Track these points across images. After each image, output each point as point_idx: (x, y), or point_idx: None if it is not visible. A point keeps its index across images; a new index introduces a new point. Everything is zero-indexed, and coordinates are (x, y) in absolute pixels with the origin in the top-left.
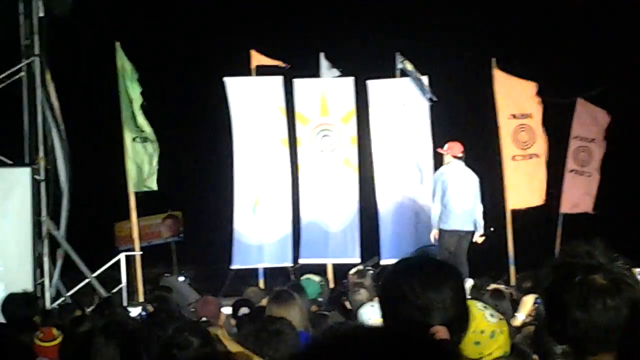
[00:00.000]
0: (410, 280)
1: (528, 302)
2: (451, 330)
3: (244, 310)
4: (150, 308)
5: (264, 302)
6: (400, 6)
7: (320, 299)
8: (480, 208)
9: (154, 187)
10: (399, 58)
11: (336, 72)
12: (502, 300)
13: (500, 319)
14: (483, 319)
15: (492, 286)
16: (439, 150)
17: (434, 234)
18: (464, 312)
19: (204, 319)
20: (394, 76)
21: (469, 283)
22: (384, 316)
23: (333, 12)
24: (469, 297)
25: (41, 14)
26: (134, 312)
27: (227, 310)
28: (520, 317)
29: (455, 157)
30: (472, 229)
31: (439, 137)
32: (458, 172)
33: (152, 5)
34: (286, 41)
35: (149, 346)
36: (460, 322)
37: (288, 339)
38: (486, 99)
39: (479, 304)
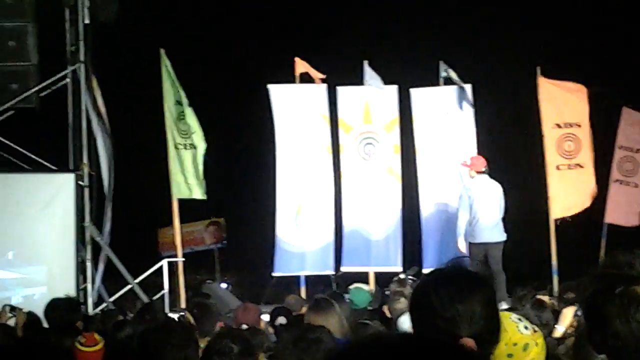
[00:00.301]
0: (439, 292)
1: (568, 314)
2: (479, 342)
3: (281, 320)
4: (188, 315)
5: (304, 310)
6: (444, 15)
7: (370, 308)
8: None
9: (202, 197)
10: (442, 66)
11: (380, 82)
12: (544, 311)
13: (535, 331)
14: (516, 331)
15: (537, 296)
16: (463, 164)
17: (461, 245)
18: (494, 324)
19: (244, 326)
20: (437, 84)
21: (504, 305)
22: (414, 326)
23: (378, 21)
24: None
25: (87, 21)
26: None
27: (267, 317)
28: (560, 329)
29: (478, 172)
30: (500, 239)
31: (484, 146)
32: (483, 187)
33: (197, 12)
34: (331, 49)
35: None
36: (490, 334)
37: (326, 347)
38: (531, 107)
39: (514, 316)
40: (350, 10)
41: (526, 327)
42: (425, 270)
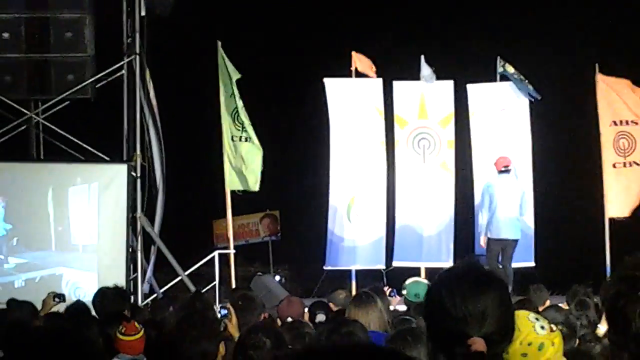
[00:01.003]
0: (450, 290)
1: None
2: (490, 342)
3: (320, 315)
4: (229, 307)
5: None
6: (502, 10)
7: None
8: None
9: (256, 188)
10: (499, 62)
11: (432, 77)
12: (588, 310)
13: (552, 331)
14: (532, 330)
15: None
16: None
17: (483, 242)
18: (507, 323)
19: (289, 319)
20: (494, 80)
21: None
22: (427, 325)
23: (435, 15)
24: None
25: (143, 14)
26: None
27: None
28: (602, 328)
29: (500, 171)
30: (516, 237)
31: (539, 143)
32: (504, 184)
33: (253, 5)
34: (388, 43)
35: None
36: (502, 334)
37: (358, 341)
38: (588, 105)
39: (532, 316)
40: (407, 4)
41: (542, 327)
42: None
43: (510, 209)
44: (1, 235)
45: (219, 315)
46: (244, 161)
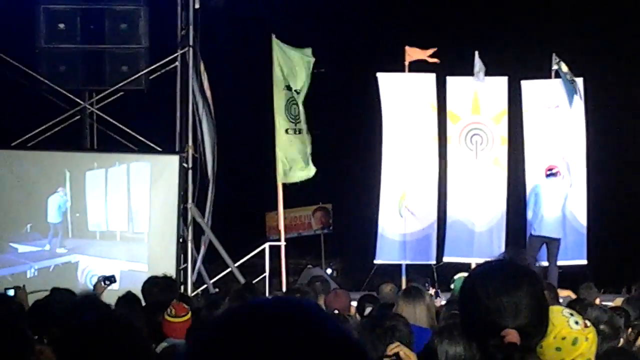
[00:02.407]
0: (485, 282)
1: None
2: (524, 334)
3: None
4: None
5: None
6: (558, 6)
7: None
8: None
9: (311, 174)
10: (554, 59)
11: (483, 77)
12: None
13: (587, 327)
14: (566, 325)
15: None
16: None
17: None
18: (541, 317)
19: (335, 312)
20: (548, 77)
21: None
22: (461, 317)
23: (490, 10)
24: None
25: (197, 6)
26: None
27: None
28: None
29: (547, 175)
30: (559, 236)
31: (593, 141)
32: (550, 185)
33: None
34: (441, 38)
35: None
36: (535, 327)
37: (400, 336)
38: None
39: (566, 311)
40: (462, 0)
41: (577, 322)
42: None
43: (554, 209)
44: (58, 222)
45: None
46: (295, 154)
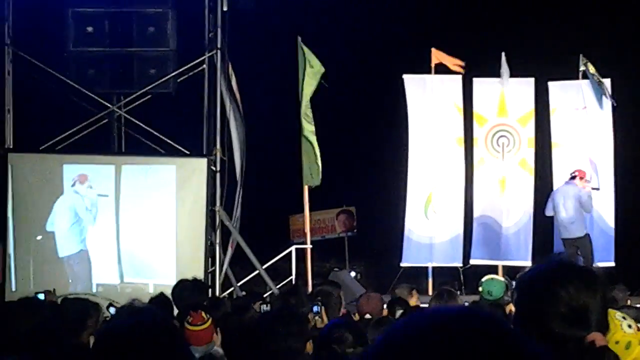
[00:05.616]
0: (566, 284)
1: None
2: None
3: (398, 311)
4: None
5: (412, 301)
6: (585, 7)
7: (506, 298)
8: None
9: (318, 182)
10: (582, 60)
11: (506, 76)
12: None
13: (639, 330)
14: (619, 329)
15: None
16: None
17: None
18: (607, 320)
19: (367, 315)
20: (576, 78)
21: None
22: (520, 317)
23: (516, 11)
24: None
25: (225, 8)
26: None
27: None
28: None
29: (569, 180)
30: (581, 234)
31: (621, 142)
32: (566, 190)
33: (334, 0)
34: (468, 40)
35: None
36: (602, 330)
37: None
38: None
39: (618, 314)
40: (489, 1)
41: (629, 326)
42: None
43: (565, 211)
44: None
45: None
46: (315, 156)
